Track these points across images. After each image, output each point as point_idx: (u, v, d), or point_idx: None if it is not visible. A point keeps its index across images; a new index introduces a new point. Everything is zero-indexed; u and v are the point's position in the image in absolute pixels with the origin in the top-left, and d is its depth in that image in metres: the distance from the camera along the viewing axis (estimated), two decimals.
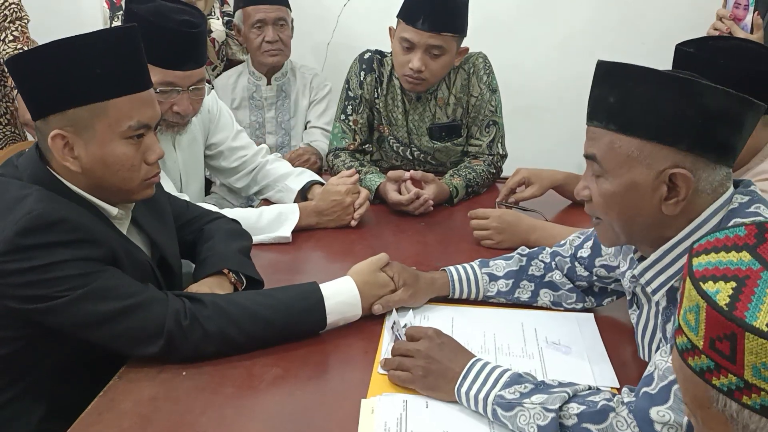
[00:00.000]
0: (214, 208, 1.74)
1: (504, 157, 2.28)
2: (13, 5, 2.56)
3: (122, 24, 2.23)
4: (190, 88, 1.74)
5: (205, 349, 1.26)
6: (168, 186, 1.73)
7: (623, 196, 1.10)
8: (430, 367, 1.19)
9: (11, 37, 2.53)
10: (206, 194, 2.44)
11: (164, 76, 1.67)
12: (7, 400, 1.27)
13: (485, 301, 1.51)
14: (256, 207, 1.94)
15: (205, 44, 1.80)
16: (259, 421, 1.15)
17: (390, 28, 2.16)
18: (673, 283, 1.13)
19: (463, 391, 1.15)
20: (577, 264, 1.46)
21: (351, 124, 2.26)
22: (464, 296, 1.50)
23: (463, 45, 2.14)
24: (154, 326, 1.22)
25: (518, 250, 1.55)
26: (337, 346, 1.35)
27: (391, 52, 2.19)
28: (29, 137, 2.73)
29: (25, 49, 2.42)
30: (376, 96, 2.26)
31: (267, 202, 2.09)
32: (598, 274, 1.43)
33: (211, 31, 2.80)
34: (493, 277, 1.50)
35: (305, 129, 2.81)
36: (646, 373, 1.04)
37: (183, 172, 2.00)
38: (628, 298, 1.31)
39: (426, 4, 2.01)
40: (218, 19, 2.86)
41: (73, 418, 1.14)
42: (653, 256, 1.14)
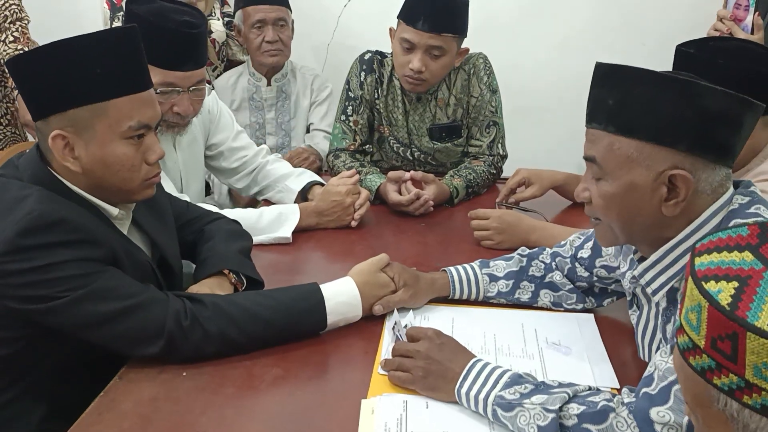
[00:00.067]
0: (215, 209, 1.74)
1: (504, 157, 2.28)
2: (14, 6, 2.56)
3: (123, 24, 2.23)
4: (191, 89, 1.74)
5: (206, 350, 1.26)
6: (168, 186, 1.73)
7: (623, 197, 1.10)
8: (430, 368, 1.19)
9: (12, 38, 2.53)
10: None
11: (164, 77, 1.67)
12: (8, 401, 1.27)
13: (485, 302, 1.51)
14: (256, 207, 1.94)
15: (206, 45, 1.80)
16: (259, 421, 1.15)
17: (390, 29, 2.16)
18: (673, 283, 1.13)
19: (464, 391, 1.15)
20: (577, 264, 1.46)
21: (351, 124, 2.26)
22: (464, 297, 1.50)
23: (464, 45, 2.14)
24: (155, 327, 1.22)
25: (518, 251, 1.55)
26: (338, 347, 1.35)
27: (392, 53, 2.19)
28: (30, 138, 2.73)
29: (26, 49, 2.43)
30: (376, 96, 2.26)
31: (267, 203, 2.09)
32: (598, 275, 1.43)
33: (212, 32, 2.79)
34: (494, 278, 1.50)
35: (308, 132, 2.81)
36: (646, 373, 1.04)
37: (183, 173, 2.00)
38: (628, 298, 1.31)
39: (426, 4, 2.01)
40: (218, 20, 2.86)
41: (73, 419, 1.14)
42: (653, 257, 1.14)
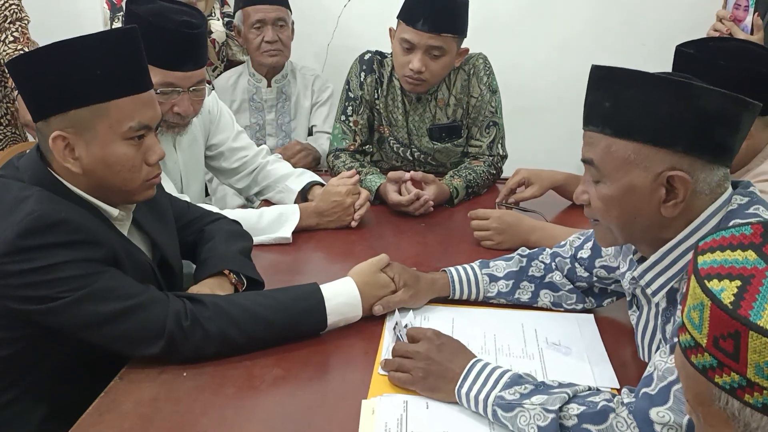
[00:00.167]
0: (215, 209, 1.75)
1: (504, 157, 2.28)
2: (14, 6, 2.56)
3: (123, 25, 2.23)
4: (191, 89, 1.74)
5: (206, 350, 1.26)
6: (168, 187, 1.73)
7: (622, 199, 1.10)
8: (430, 369, 1.20)
9: (11, 38, 2.53)
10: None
11: (164, 77, 1.67)
12: (8, 401, 1.27)
13: (485, 302, 1.51)
14: (257, 208, 1.94)
15: (206, 45, 1.80)
16: (259, 421, 1.15)
17: (390, 29, 2.16)
18: (673, 284, 1.14)
19: (464, 392, 1.15)
20: (577, 265, 1.46)
21: (351, 125, 2.26)
22: (464, 297, 1.50)
23: (464, 46, 2.14)
24: (155, 327, 1.22)
25: (518, 251, 1.55)
26: (338, 347, 1.35)
27: (392, 53, 2.19)
28: (30, 138, 2.73)
29: (26, 50, 2.43)
30: (376, 97, 2.26)
31: (267, 203, 2.09)
32: (598, 275, 1.43)
33: (212, 32, 2.79)
34: (494, 278, 1.50)
35: (311, 134, 2.81)
36: (646, 373, 1.04)
37: (184, 173, 2.00)
38: (627, 299, 1.31)
39: (426, 4, 2.01)
40: (218, 20, 2.86)
41: (73, 419, 1.14)
42: (653, 258, 1.14)
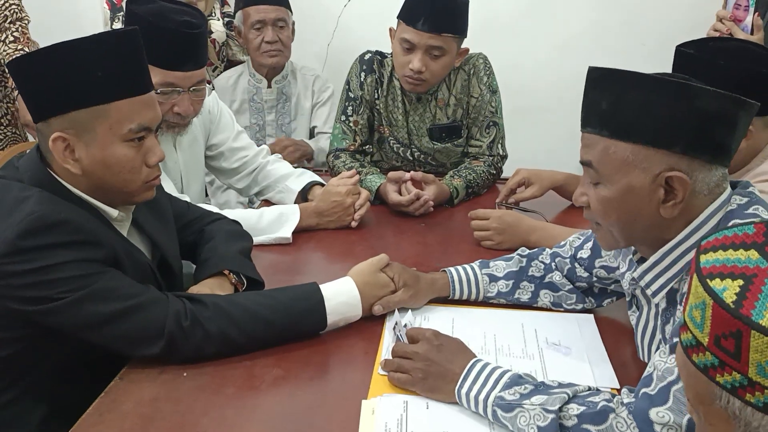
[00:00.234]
0: (215, 209, 1.75)
1: (504, 157, 2.28)
2: (14, 6, 2.56)
3: (123, 25, 2.23)
4: (191, 89, 1.74)
5: (206, 350, 1.27)
6: (169, 187, 1.73)
7: (621, 201, 1.10)
8: (429, 369, 1.20)
9: (12, 38, 2.53)
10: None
11: (165, 77, 1.67)
12: (8, 401, 1.27)
13: (485, 302, 1.51)
14: (257, 208, 1.94)
15: (206, 45, 1.80)
16: (259, 421, 1.15)
17: (390, 29, 2.16)
18: (673, 285, 1.14)
19: (464, 392, 1.15)
20: (576, 265, 1.46)
21: (351, 125, 2.26)
22: (464, 297, 1.50)
23: (464, 46, 2.14)
24: (155, 327, 1.22)
25: (518, 251, 1.55)
26: (338, 347, 1.35)
27: (392, 53, 2.19)
28: (30, 138, 2.73)
29: (26, 50, 2.43)
30: (376, 97, 2.26)
31: (267, 203, 2.09)
32: (597, 275, 1.44)
33: (212, 32, 2.79)
34: (494, 278, 1.50)
35: (313, 136, 2.80)
36: (646, 373, 1.04)
37: (184, 173, 2.00)
38: (627, 299, 1.31)
39: (426, 4, 2.01)
40: (219, 20, 2.86)
41: (73, 419, 1.14)
42: (652, 259, 1.14)
